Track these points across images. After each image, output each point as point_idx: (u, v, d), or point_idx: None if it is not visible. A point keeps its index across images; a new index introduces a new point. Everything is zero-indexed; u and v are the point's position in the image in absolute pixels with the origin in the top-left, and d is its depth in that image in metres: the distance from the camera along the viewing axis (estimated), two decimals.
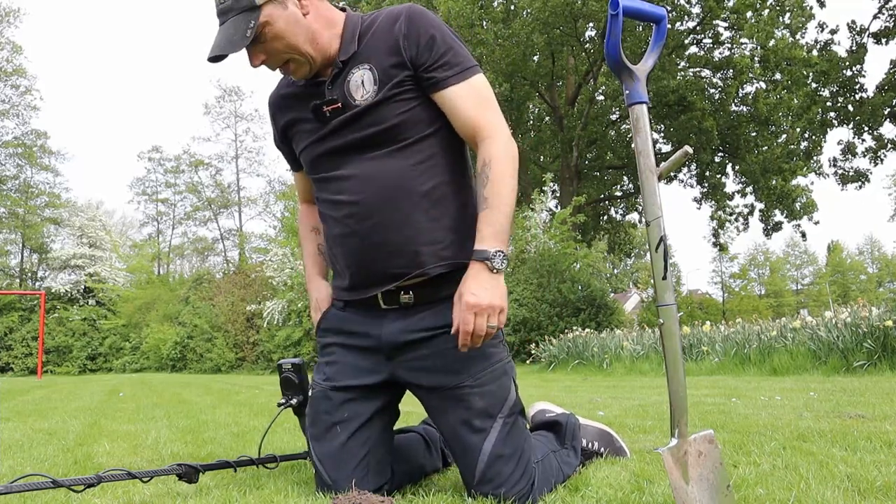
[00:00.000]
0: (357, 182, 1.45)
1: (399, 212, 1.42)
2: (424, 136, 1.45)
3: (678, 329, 1.24)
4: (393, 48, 1.44)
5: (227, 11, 1.38)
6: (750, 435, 2.22)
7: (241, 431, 2.88)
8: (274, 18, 1.38)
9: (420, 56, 1.42)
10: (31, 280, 34.66)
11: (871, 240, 52.94)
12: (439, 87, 1.44)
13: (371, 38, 1.48)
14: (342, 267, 1.54)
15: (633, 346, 8.57)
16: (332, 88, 1.47)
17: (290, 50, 1.42)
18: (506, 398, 1.45)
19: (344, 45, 1.48)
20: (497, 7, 17.25)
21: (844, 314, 6.30)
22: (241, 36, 1.35)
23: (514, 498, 1.37)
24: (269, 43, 1.40)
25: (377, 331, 1.49)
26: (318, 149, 1.51)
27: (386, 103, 1.43)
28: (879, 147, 16.64)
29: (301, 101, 1.54)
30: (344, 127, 1.46)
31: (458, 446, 1.43)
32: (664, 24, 1.32)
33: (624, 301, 36.81)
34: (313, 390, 1.58)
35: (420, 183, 1.43)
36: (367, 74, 1.45)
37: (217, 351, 22.82)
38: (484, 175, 1.42)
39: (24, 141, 32.85)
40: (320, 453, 1.49)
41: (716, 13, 16.35)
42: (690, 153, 1.25)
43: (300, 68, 1.46)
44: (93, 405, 4.97)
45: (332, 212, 1.51)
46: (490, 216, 1.39)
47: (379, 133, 1.44)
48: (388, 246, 1.43)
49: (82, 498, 1.53)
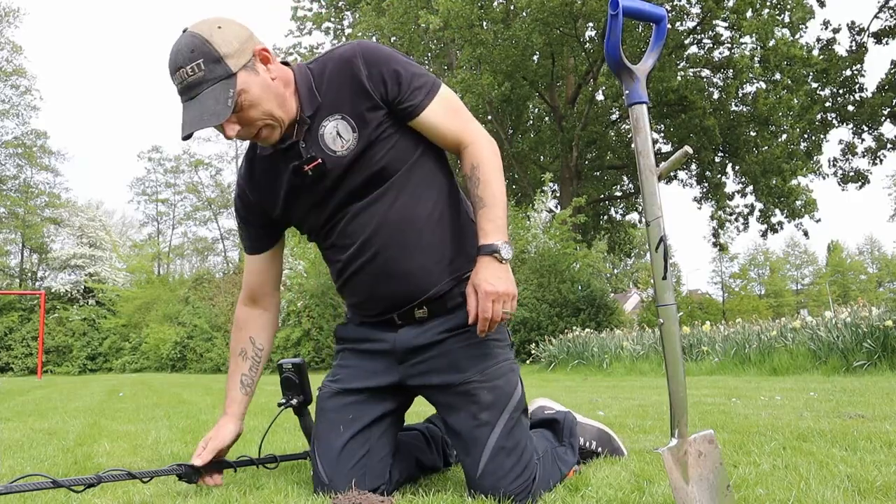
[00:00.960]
0: (360, 224, 1.48)
1: (407, 241, 1.47)
2: (412, 164, 1.49)
3: (678, 329, 1.24)
4: (360, 92, 1.43)
5: (200, 83, 1.31)
6: (750, 435, 2.22)
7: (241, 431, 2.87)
8: (249, 85, 1.35)
9: (390, 93, 1.43)
10: (31, 280, 34.65)
11: (871, 240, 52.99)
12: (416, 115, 1.46)
13: (328, 86, 1.46)
14: (360, 302, 1.58)
15: (633, 346, 8.56)
16: (307, 146, 1.45)
17: (265, 116, 1.38)
18: (512, 393, 1.49)
19: (304, 100, 1.45)
20: (497, 7, 17.25)
21: (844, 314, 6.30)
22: (223, 106, 1.30)
23: (515, 492, 1.39)
24: (245, 112, 1.36)
25: (391, 337, 1.53)
26: (319, 206, 1.51)
27: (371, 148, 1.44)
28: (879, 147, 16.64)
29: (278, 169, 1.51)
30: (335, 180, 1.46)
31: (464, 440, 1.46)
32: (664, 24, 1.32)
33: (624, 301, 36.80)
34: (321, 390, 1.61)
35: (420, 208, 1.48)
36: (341, 123, 1.44)
37: (217, 351, 22.81)
38: (475, 177, 1.46)
39: (24, 141, 32.83)
40: (320, 451, 1.51)
41: (716, 13, 16.35)
42: (690, 153, 1.26)
43: (272, 133, 1.43)
44: (93, 405, 4.97)
45: (338, 255, 1.54)
46: (489, 213, 1.44)
47: (371, 177, 1.46)
48: (401, 275, 1.48)
49: (82, 498, 1.53)
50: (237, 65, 1.33)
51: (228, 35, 1.34)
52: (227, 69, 1.32)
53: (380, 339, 1.54)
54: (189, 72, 1.32)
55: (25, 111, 32.52)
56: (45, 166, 33.92)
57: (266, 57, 1.40)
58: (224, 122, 1.33)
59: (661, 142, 20.00)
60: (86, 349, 29.19)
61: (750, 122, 18.28)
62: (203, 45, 1.32)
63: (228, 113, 1.31)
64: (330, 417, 1.54)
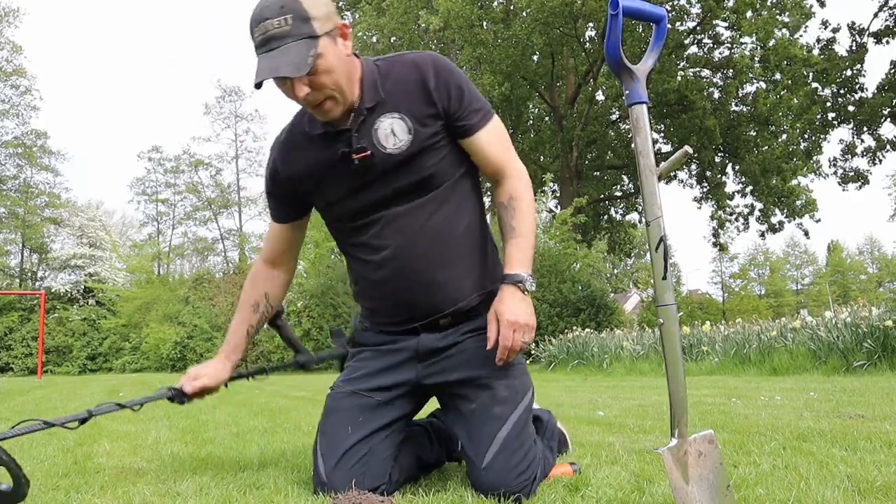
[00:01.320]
0: (395, 229, 1.50)
1: (439, 254, 1.51)
2: (456, 179, 1.54)
3: (678, 329, 1.24)
4: (425, 97, 1.48)
5: (284, 37, 1.33)
6: (750, 435, 2.22)
7: (241, 431, 2.87)
8: (328, 52, 1.37)
9: (451, 107, 1.48)
10: (31, 280, 34.64)
11: (871, 240, 52.96)
12: (469, 134, 1.52)
13: (393, 85, 1.49)
14: (381, 307, 1.60)
15: (633, 346, 8.57)
16: (359, 136, 1.47)
17: (335, 87, 1.41)
18: (525, 393, 1.54)
19: (366, 91, 1.48)
20: (497, 7, 17.25)
21: (844, 314, 6.30)
22: (302, 61, 1.32)
23: (518, 489, 1.41)
24: (319, 76, 1.37)
25: (413, 342, 1.57)
26: (354, 198, 1.52)
27: (422, 153, 1.48)
28: (879, 147, 16.64)
29: (321, 150, 1.52)
30: (380, 176, 1.49)
31: (474, 432, 1.49)
32: (664, 24, 1.32)
33: (624, 301, 36.80)
34: (334, 389, 1.63)
35: (455, 225, 1.53)
36: (399, 123, 1.47)
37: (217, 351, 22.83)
38: (511, 207, 1.53)
39: (24, 141, 32.82)
40: (323, 448, 1.52)
41: (716, 13, 16.35)
42: (690, 153, 1.26)
43: (335, 107, 1.44)
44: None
45: (369, 257, 1.55)
46: (520, 243, 1.52)
47: (416, 182, 1.49)
48: (430, 286, 1.52)
49: (82, 498, 1.53)
50: (322, 29, 1.36)
51: (317, 2, 1.37)
52: (313, 30, 1.35)
53: (401, 343, 1.57)
54: (276, 24, 1.33)
55: (25, 111, 32.53)
56: (45, 166, 33.91)
57: (345, 33, 1.43)
58: (297, 80, 1.35)
59: (661, 142, 20.01)
60: (86, 349, 29.19)
61: (750, 122, 18.29)
62: (294, 2, 1.34)
63: (307, 69, 1.33)
64: (340, 416, 1.55)
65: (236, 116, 40.42)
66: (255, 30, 1.36)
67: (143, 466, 1.96)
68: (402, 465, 1.58)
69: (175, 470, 1.87)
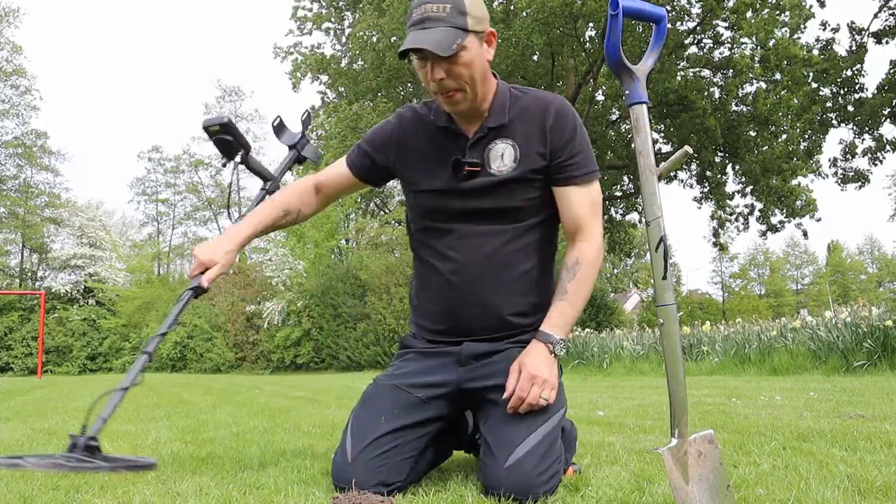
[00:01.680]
0: (469, 245, 1.59)
1: (497, 283, 1.58)
2: (536, 223, 1.62)
3: (678, 329, 1.24)
4: (539, 134, 1.58)
5: (439, 20, 1.46)
6: (750, 435, 2.22)
7: (241, 431, 2.87)
8: (472, 48, 1.49)
9: (557, 150, 1.57)
10: (31, 280, 34.63)
11: (871, 240, 52.88)
12: (564, 183, 1.59)
13: (517, 114, 1.60)
14: (432, 311, 1.68)
15: (633, 346, 8.57)
16: (473, 150, 1.59)
17: (469, 82, 1.51)
18: (560, 408, 1.57)
19: (494, 112, 1.59)
20: (497, 7, 17.25)
21: (844, 314, 6.31)
22: (449, 44, 1.44)
23: (539, 493, 1.40)
24: (458, 66, 1.48)
25: (457, 348, 1.63)
26: (443, 198, 1.61)
27: (518, 183, 1.57)
28: (879, 147, 16.63)
29: (437, 145, 1.63)
30: (476, 191, 1.58)
31: (503, 433, 1.49)
32: (664, 24, 1.32)
33: (624, 301, 36.81)
34: (375, 382, 1.68)
35: (521, 262, 1.60)
36: (510, 150, 1.57)
37: (217, 351, 22.83)
38: (573, 271, 1.59)
39: (24, 141, 32.80)
40: (355, 429, 1.55)
41: (716, 13, 16.34)
42: (690, 153, 1.26)
43: (464, 101, 1.54)
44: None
45: (438, 262, 1.64)
46: (565, 308, 1.57)
47: (502, 209, 1.58)
48: (481, 308, 1.59)
49: (82, 498, 1.53)
50: (473, 27, 1.48)
51: (477, 4, 1.51)
52: (466, 24, 1.47)
53: (445, 348, 1.64)
54: (435, 9, 1.47)
55: (25, 111, 32.52)
56: (45, 166, 33.91)
57: (491, 41, 1.55)
58: (438, 63, 1.47)
59: (661, 142, 19.99)
60: (86, 349, 29.19)
61: (750, 122, 18.27)
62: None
63: (449, 52, 1.44)
64: (376, 405, 1.59)
65: (236, 116, 40.39)
66: (415, 10, 1.50)
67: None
68: (420, 468, 1.60)
69: (175, 470, 1.86)
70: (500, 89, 1.62)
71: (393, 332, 16.07)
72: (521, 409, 1.49)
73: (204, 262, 1.54)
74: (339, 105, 19.70)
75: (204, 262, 1.54)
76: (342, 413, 3.62)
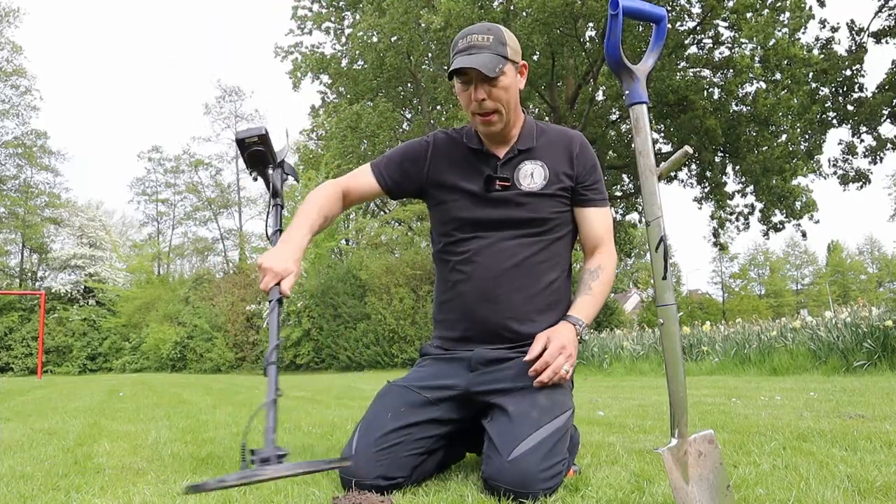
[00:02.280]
0: (494, 254, 1.71)
1: (520, 294, 1.70)
2: (560, 236, 1.77)
3: (678, 329, 1.24)
4: (567, 160, 1.77)
5: (483, 48, 1.64)
6: (750, 435, 2.22)
7: (241, 431, 2.87)
8: (509, 74, 1.67)
9: (581, 175, 1.77)
10: (31, 280, 34.64)
11: (871, 240, 52.88)
12: (586, 205, 1.78)
13: (545, 141, 1.79)
14: (453, 319, 1.76)
15: (633, 346, 8.57)
16: (504, 168, 1.74)
17: (505, 104, 1.68)
18: (566, 409, 1.61)
19: (523, 137, 1.77)
20: (497, 7, 17.24)
21: (844, 314, 6.31)
22: (493, 66, 1.62)
23: (536, 488, 1.41)
24: (497, 89, 1.66)
25: (468, 353, 1.71)
26: (474, 208, 1.74)
27: (548, 198, 1.73)
28: (879, 147, 16.62)
29: (469, 165, 1.78)
30: (505, 202, 1.72)
31: (507, 430, 1.51)
32: (664, 24, 1.32)
33: (624, 301, 36.83)
34: (392, 383, 1.76)
35: (545, 273, 1.73)
36: (539, 170, 1.75)
37: (217, 351, 22.82)
38: (596, 273, 1.77)
39: (24, 141, 32.81)
40: (363, 426, 1.62)
41: (716, 13, 16.33)
42: (690, 153, 1.26)
43: (499, 122, 1.70)
44: (93, 405, 4.97)
45: (464, 267, 1.74)
46: (588, 300, 1.74)
47: (531, 219, 1.72)
48: (502, 317, 1.69)
49: (82, 498, 1.53)
50: (512, 56, 1.67)
51: (513, 38, 1.71)
52: (506, 52, 1.66)
53: (457, 354, 1.72)
54: (480, 38, 1.66)
55: (25, 111, 32.54)
56: (45, 166, 33.92)
57: (524, 72, 1.74)
58: (481, 85, 1.64)
59: (661, 142, 19.99)
60: (86, 349, 29.20)
61: (750, 121, 18.27)
62: (497, 30, 1.68)
63: (493, 73, 1.61)
64: (385, 403, 1.67)
65: (236, 116, 40.42)
66: (462, 40, 1.68)
67: (143, 466, 1.96)
68: (427, 468, 1.62)
69: (175, 470, 1.86)
70: (527, 121, 1.80)
71: (393, 332, 16.05)
72: (544, 375, 1.56)
73: (279, 273, 1.55)
74: (339, 105, 19.70)
75: (279, 273, 1.55)
76: (342, 413, 3.62)
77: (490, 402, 1.62)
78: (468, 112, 1.72)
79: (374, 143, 18.68)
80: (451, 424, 1.65)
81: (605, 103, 19.77)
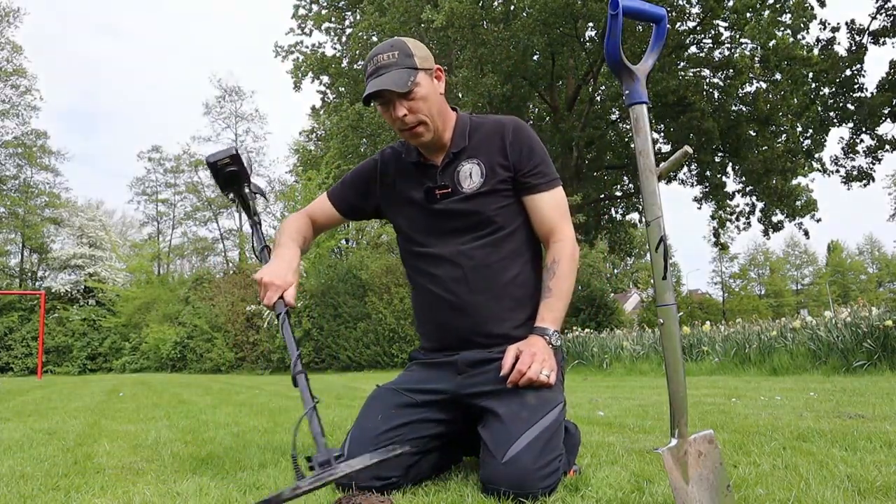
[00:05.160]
0: (452, 263, 1.70)
1: (484, 296, 1.68)
2: (512, 230, 1.72)
3: (678, 329, 1.24)
4: (500, 150, 1.72)
5: (390, 65, 1.63)
6: (750, 435, 2.22)
7: (241, 431, 2.87)
8: (424, 84, 1.66)
9: (520, 162, 1.71)
10: (31, 280, 34.62)
11: (871, 240, 52.87)
12: (531, 192, 1.72)
13: (479, 136, 1.75)
14: (429, 330, 1.78)
15: (633, 346, 8.57)
16: (443, 175, 1.73)
17: (427, 115, 1.67)
18: (556, 404, 1.59)
19: (456, 139, 1.75)
20: (497, 8, 17.24)
21: (844, 314, 6.31)
22: (404, 82, 1.62)
23: (533, 488, 1.40)
24: (415, 101, 1.65)
25: (454, 356, 1.70)
26: (423, 222, 1.75)
27: (490, 195, 1.70)
28: (879, 147, 16.62)
29: (411, 178, 1.78)
30: (450, 209, 1.71)
31: (499, 432, 1.51)
32: (664, 24, 1.32)
33: (624, 301, 36.81)
34: (381, 386, 1.78)
35: (505, 270, 1.70)
36: (476, 168, 1.72)
37: (217, 351, 22.80)
38: (552, 270, 1.70)
39: (24, 141, 32.80)
40: (355, 431, 1.64)
41: (716, 13, 16.33)
42: (690, 153, 1.26)
43: (426, 133, 1.69)
44: (93, 405, 4.97)
45: (428, 283, 1.75)
46: (552, 304, 1.67)
47: (479, 221, 1.69)
48: (473, 321, 1.68)
49: (82, 498, 1.53)
50: (421, 65, 1.66)
51: (420, 47, 1.70)
52: (414, 63, 1.65)
53: (444, 359, 1.72)
54: (385, 57, 1.64)
55: (25, 111, 32.51)
56: (45, 166, 33.89)
57: (440, 76, 1.73)
58: (398, 102, 1.63)
59: (661, 142, 19.99)
60: (86, 349, 29.18)
61: (750, 121, 18.26)
62: (401, 44, 1.67)
63: (406, 89, 1.61)
64: (375, 406, 1.69)
65: (236, 116, 40.39)
66: (369, 63, 1.66)
67: (143, 466, 1.96)
68: (422, 469, 1.62)
69: (175, 470, 1.87)
70: (459, 119, 1.77)
71: (393, 332, 16.05)
72: (521, 382, 1.54)
73: (280, 286, 1.63)
74: (340, 105, 19.68)
75: (280, 286, 1.63)
76: (342, 413, 3.62)
77: (480, 405, 1.61)
78: (396, 130, 1.72)
79: (375, 142, 18.67)
80: (443, 425, 1.66)
81: (605, 103, 19.77)
